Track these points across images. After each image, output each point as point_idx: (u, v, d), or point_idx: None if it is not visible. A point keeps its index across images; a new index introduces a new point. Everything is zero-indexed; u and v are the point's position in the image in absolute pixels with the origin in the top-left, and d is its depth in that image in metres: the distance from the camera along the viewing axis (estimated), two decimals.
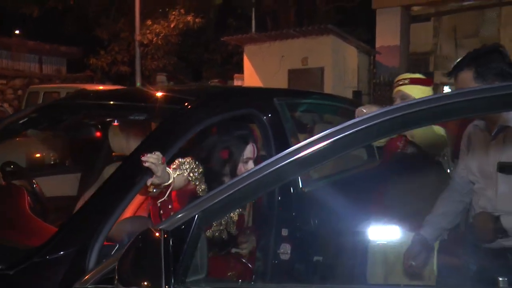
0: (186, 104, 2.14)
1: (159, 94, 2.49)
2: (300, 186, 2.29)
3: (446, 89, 23.00)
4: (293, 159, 1.20)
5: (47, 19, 17.05)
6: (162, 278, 1.04)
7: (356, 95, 11.75)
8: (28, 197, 2.44)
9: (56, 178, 3.35)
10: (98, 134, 3.37)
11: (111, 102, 2.58)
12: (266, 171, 1.21)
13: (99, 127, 3.38)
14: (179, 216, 1.22)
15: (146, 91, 2.80)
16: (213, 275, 1.96)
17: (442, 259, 2.51)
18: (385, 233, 2.14)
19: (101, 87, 9.57)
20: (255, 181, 1.21)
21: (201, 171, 2.16)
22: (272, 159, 1.22)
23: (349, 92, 11.69)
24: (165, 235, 1.11)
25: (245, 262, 2.12)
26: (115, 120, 2.84)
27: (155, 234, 1.12)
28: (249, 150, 2.21)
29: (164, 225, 1.20)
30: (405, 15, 14.90)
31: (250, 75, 12.73)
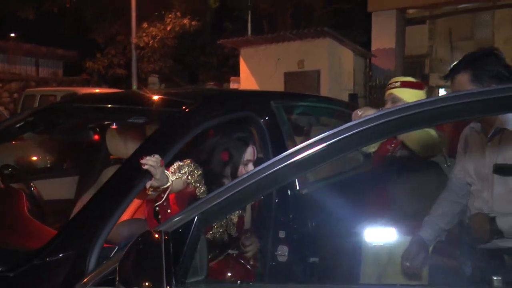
0: (184, 108, 2.15)
1: (157, 98, 2.51)
2: (298, 188, 2.31)
3: (442, 92, 23.15)
4: (291, 162, 1.21)
5: (44, 22, 17.03)
6: (163, 279, 1.06)
7: (352, 98, 11.77)
8: (26, 200, 2.45)
9: (54, 181, 3.35)
10: (96, 137, 3.38)
11: (109, 105, 2.60)
12: (264, 174, 1.23)
13: (97, 130, 3.39)
14: (179, 218, 1.24)
15: (144, 94, 2.81)
16: (214, 277, 1.97)
17: (438, 259, 2.53)
18: (382, 234, 2.16)
19: (97, 90, 9.58)
20: (254, 183, 1.23)
21: (200, 174, 2.17)
22: (270, 162, 1.24)
23: (345, 95, 11.72)
24: (166, 237, 1.13)
25: (244, 263, 2.13)
26: (113, 123, 2.84)
27: (156, 236, 1.13)
28: (250, 152, 2.21)
29: (164, 227, 1.22)
30: (401, 18, 14.96)
31: (247, 78, 12.74)
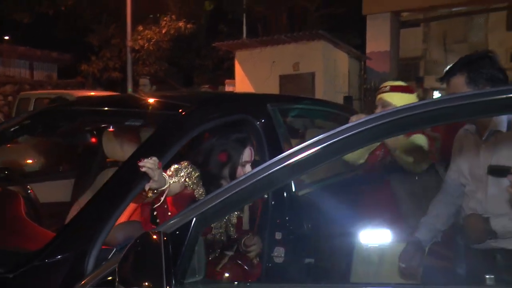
0: (181, 111, 2.17)
1: (154, 101, 2.52)
2: (294, 190, 2.33)
3: (436, 94, 23.25)
4: (287, 164, 1.23)
5: (38, 25, 16.98)
6: (163, 279, 1.08)
7: (347, 100, 11.80)
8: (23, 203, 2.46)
9: (50, 184, 3.36)
10: (93, 140, 3.39)
11: (106, 108, 2.61)
12: (261, 176, 1.25)
13: (94, 133, 3.40)
14: (177, 219, 1.26)
15: (140, 98, 2.83)
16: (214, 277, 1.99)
17: (433, 260, 2.55)
18: (379, 235, 2.18)
19: (93, 93, 9.57)
20: (251, 185, 1.25)
21: (198, 176, 2.18)
22: (267, 164, 1.25)
23: (340, 97, 11.75)
24: (164, 238, 1.15)
25: (241, 264, 2.14)
26: (110, 126, 2.85)
27: (155, 237, 1.15)
28: (247, 153, 2.22)
29: (163, 228, 1.24)
30: (395, 21, 15.04)
31: (242, 81, 12.76)
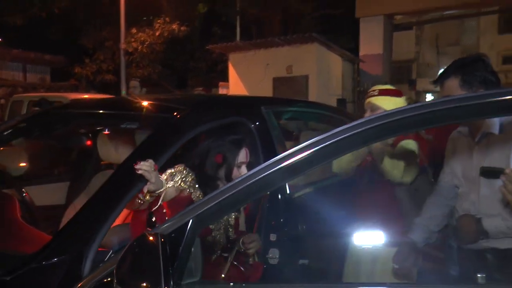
0: (176, 114, 2.18)
1: (149, 104, 2.53)
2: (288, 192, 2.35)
3: (429, 96, 23.40)
4: (283, 166, 1.25)
5: (32, 27, 16.91)
6: (161, 280, 1.09)
7: (341, 103, 11.85)
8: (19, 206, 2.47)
9: (45, 187, 3.36)
10: (89, 143, 3.40)
11: (101, 111, 2.62)
12: (257, 178, 1.27)
13: (89, 136, 3.41)
14: (174, 221, 1.27)
15: (136, 100, 2.84)
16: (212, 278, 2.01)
17: (426, 259, 2.58)
18: (376, 236, 2.21)
19: (86, 96, 9.54)
20: (246, 187, 1.27)
21: (193, 178, 2.18)
22: (262, 166, 1.27)
23: (334, 100, 11.79)
24: (162, 239, 1.16)
25: (237, 265, 2.15)
26: (106, 129, 2.86)
27: (153, 238, 1.17)
28: (243, 155, 2.23)
29: (160, 230, 1.25)
30: (388, 24, 15.11)
31: (235, 83, 12.78)
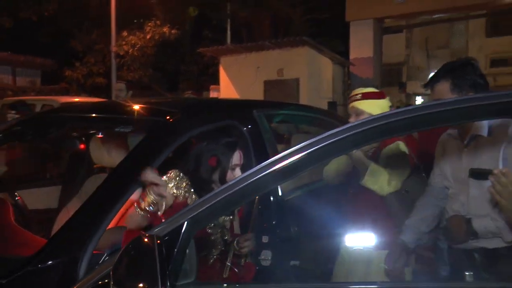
0: (169, 117, 2.20)
1: (140, 107, 2.54)
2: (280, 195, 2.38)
3: (419, 99, 23.56)
4: (275, 169, 1.27)
5: (21, 30, 16.82)
6: (158, 281, 1.11)
7: (331, 106, 11.91)
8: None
9: (38, 191, 3.36)
10: (82, 147, 3.40)
11: (94, 115, 2.63)
12: (250, 180, 1.29)
13: (82, 139, 3.41)
14: (169, 223, 1.29)
15: (128, 104, 2.85)
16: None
17: (416, 259, 2.62)
18: (362, 238, 2.24)
19: (77, 99, 9.52)
20: (240, 189, 1.29)
21: (187, 184, 2.17)
22: (255, 169, 1.29)
23: (324, 103, 11.85)
24: (158, 241, 1.18)
25: (231, 266, 2.17)
26: (99, 133, 2.87)
27: (149, 240, 1.19)
28: (237, 157, 2.23)
29: (155, 231, 1.27)
30: (378, 27, 15.22)
31: (227, 86, 12.79)
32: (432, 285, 1.38)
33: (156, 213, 1.91)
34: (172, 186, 2.13)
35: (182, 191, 2.13)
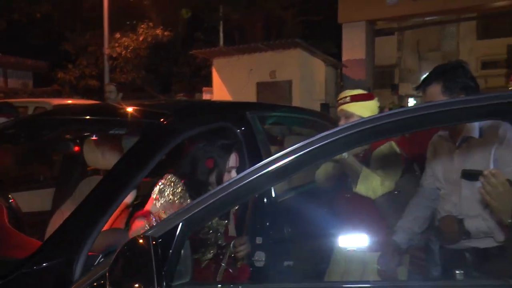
0: (162, 119, 2.20)
1: (134, 109, 2.55)
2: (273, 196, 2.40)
3: (411, 101, 23.70)
4: (269, 170, 1.29)
5: (12, 32, 16.73)
6: (154, 282, 1.13)
7: (324, 108, 11.96)
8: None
9: (32, 193, 3.35)
10: (75, 149, 3.40)
11: (87, 117, 2.63)
12: (244, 182, 1.30)
13: (76, 142, 3.41)
14: (164, 224, 1.31)
15: (122, 106, 2.85)
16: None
17: (409, 259, 2.64)
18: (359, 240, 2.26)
19: (70, 101, 9.47)
20: (234, 191, 1.30)
21: (182, 188, 2.16)
22: (249, 170, 1.31)
23: (317, 105, 11.89)
24: (153, 242, 1.19)
25: (226, 268, 2.18)
26: (94, 135, 2.87)
27: (145, 241, 1.20)
28: (233, 159, 2.24)
29: (150, 233, 1.28)
30: (370, 30, 15.32)
31: (219, 88, 12.80)
32: (425, 284, 1.40)
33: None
34: (169, 193, 2.12)
35: (178, 196, 2.13)
